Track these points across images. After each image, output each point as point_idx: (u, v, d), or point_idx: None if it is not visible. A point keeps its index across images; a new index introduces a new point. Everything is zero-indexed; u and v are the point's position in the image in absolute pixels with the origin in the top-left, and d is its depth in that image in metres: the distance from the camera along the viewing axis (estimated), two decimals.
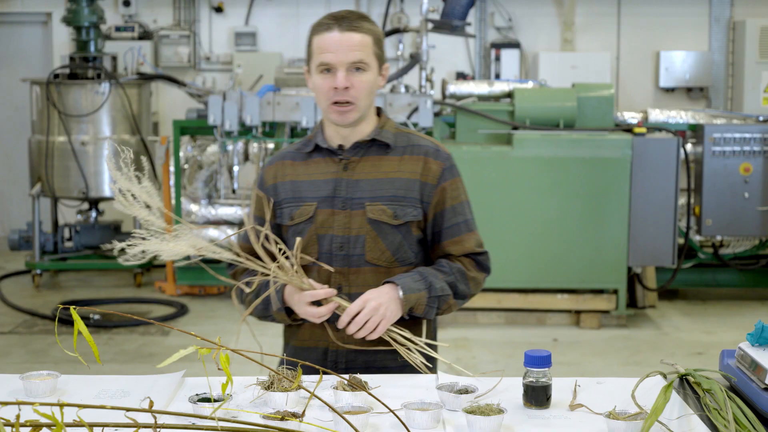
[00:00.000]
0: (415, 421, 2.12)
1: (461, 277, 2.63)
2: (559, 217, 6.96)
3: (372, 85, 2.57)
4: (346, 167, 2.62)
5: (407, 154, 2.64)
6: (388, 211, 2.59)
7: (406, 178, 2.61)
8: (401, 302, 2.51)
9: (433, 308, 2.58)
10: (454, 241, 2.65)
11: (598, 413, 2.18)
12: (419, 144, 2.66)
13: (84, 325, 2.02)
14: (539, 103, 7.13)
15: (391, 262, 2.61)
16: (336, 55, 2.52)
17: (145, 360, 6.22)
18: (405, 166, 2.62)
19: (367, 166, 2.63)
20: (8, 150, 10.00)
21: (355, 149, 2.63)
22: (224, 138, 7.55)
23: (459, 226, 2.65)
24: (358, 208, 2.60)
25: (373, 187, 2.60)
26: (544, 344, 6.59)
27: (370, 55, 2.55)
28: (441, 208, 2.64)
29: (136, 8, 9.62)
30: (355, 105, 2.56)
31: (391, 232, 2.60)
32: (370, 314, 2.46)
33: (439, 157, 2.65)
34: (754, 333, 2.33)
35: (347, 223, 2.60)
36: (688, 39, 9.67)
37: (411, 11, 9.46)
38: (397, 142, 2.65)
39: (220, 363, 2.03)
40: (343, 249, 2.60)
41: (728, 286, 7.92)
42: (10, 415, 1.84)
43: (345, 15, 2.56)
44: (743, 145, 7.31)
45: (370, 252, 2.59)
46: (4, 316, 7.35)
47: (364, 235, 2.59)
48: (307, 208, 2.62)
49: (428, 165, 2.63)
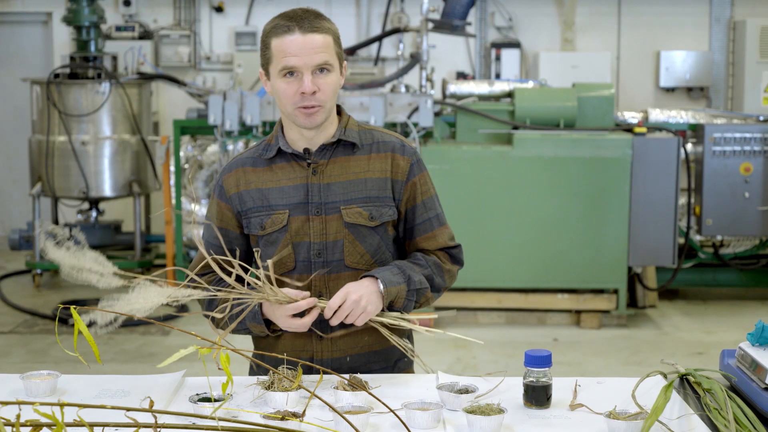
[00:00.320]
0: (416, 420, 2.12)
1: (437, 270, 2.60)
2: (559, 217, 6.96)
3: (336, 85, 2.49)
4: (315, 171, 2.55)
5: (374, 152, 2.58)
6: (364, 213, 2.54)
7: (377, 178, 2.56)
8: (382, 296, 2.47)
9: (412, 301, 2.54)
10: (427, 236, 2.62)
11: (598, 413, 2.18)
12: (384, 141, 2.61)
13: (84, 325, 2.02)
14: (539, 103, 7.13)
15: (370, 264, 2.57)
16: (300, 58, 2.44)
17: (145, 360, 6.22)
18: (374, 164, 2.57)
19: (336, 168, 2.56)
20: (9, 150, 10.00)
21: (321, 152, 2.56)
22: (224, 138, 7.55)
23: (431, 221, 2.62)
24: (333, 213, 2.54)
25: (346, 189, 2.55)
26: (544, 344, 6.59)
27: (333, 56, 2.47)
28: (412, 204, 2.61)
29: (136, 8, 9.62)
30: (323, 107, 2.49)
31: (369, 234, 2.56)
32: (351, 307, 2.42)
33: (405, 152, 2.60)
34: (754, 333, 2.33)
35: (323, 229, 2.54)
36: (689, 39, 9.67)
37: (411, 11, 9.46)
38: (363, 141, 2.59)
39: (220, 363, 2.03)
40: (321, 255, 2.54)
41: (728, 286, 7.92)
42: (11, 414, 1.84)
43: (302, 15, 2.46)
44: (743, 145, 7.30)
45: (349, 256, 2.55)
46: (4, 315, 7.36)
47: (342, 239, 2.54)
48: (279, 216, 2.55)
49: (396, 161, 2.58)
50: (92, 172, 8.10)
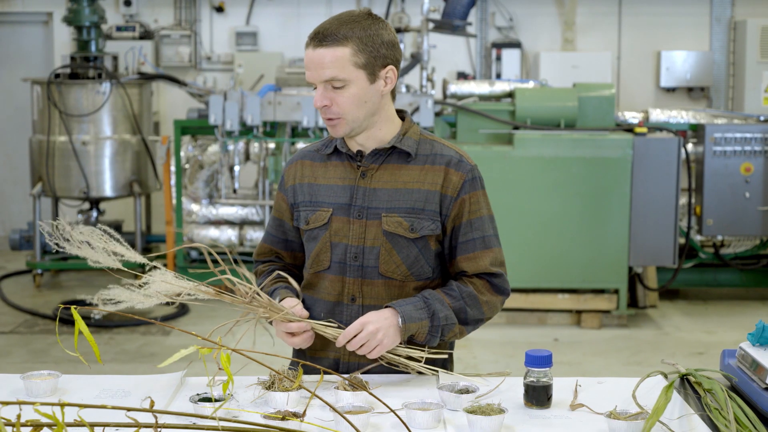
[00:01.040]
0: (416, 420, 2.12)
1: (472, 301, 2.51)
2: (559, 217, 6.96)
3: (359, 97, 2.43)
4: (364, 175, 2.52)
5: (428, 163, 2.51)
6: (405, 223, 2.49)
7: (425, 190, 2.50)
8: (400, 330, 2.43)
9: (436, 337, 2.48)
10: (467, 257, 2.53)
11: (598, 413, 2.18)
12: (442, 153, 2.53)
13: (85, 325, 2.02)
14: (540, 103, 7.13)
15: (405, 276, 2.51)
16: (310, 73, 2.44)
17: (145, 360, 6.22)
18: (425, 176, 2.50)
19: (386, 174, 2.52)
20: (9, 150, 10.01)
21: (374, 156, 2.52)
22: (225, 138, 7.55)
23: (474, 242, 2.53)
24: (374, 219, 2.50)
25: (391, 197, 2.50)
26: (544, 344, 6.59)
27: (346, 68, 2.40)
28: (459, 221, 2.52)
29: (137, 8, 9.62)
30: (342, 119, 2.45)
31: (407, 245, 2.50)
32: (366, 338, 2.39)
33: (461, 168, 2.51)
34: (755, 333, 2.33)
35: (362, 234, 2.51)
36: (689, 39, 9.67)
37: (412, 11, 9.46)
38: (419, 151, 2.53)
39: (220, 363, 2.03)
40: (357, 259, 2.51)
41: (729, 286, 7.92)
42: (11, 414, 1.84)
43: (322, 28, 2.42)
44: (744, 145, 7.30)
45: (384, 264, 2.50)
46: (4, 315, 7.36)
47: (379, 247, 2.50)
48: (323, 213, 2.54)
49: (449, 176, 2.50)
50: (93, 172, 8.10)
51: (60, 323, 6.91)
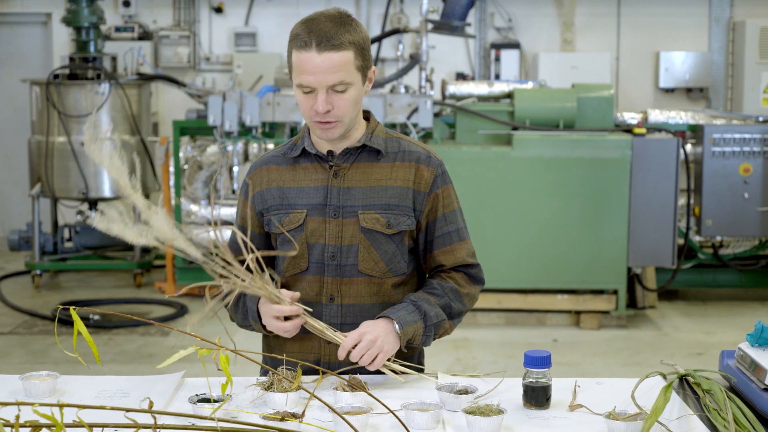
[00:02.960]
0: (415, 421, 2.12)
1: (455, 296, 2.56)
2: (558, 218, 6.96)
3: (356, 98, 2.45)
4: (336, 174, 2.53)
5: (398, 160, 2.55)
6: (382, 219, 2.51)
7: (398, 186, 2.53)
8: (398, 336, 2.44)
9: (430, 336, 2.51)
10: (445, 250, 2.57)
11: (598, 414, 2.18)
12: (410, 150, 2.57)
13: (84, 326, 2.02)
14: (539, 104, 7.13)
15: (384, 272, 2.53)
16: (315, 77, 2.38)
17: (144, 360, 6.22)
18: (396, 173, 2.54)
19: (358, 173, 2.54)
20: (8, 150, 10.00)
21: (345, 155, 2.54)
22: (224, 138, 7.55)
23: (450, 235, 2.58)
24: (351, 217, 2.51)
25: (365, 195, 2.52)
26: (544, 345, 6.59)
27: (351, 72, 2.41)
28: (433, 216, 2.57)
29: (135, 9, 9.62)
30: (340, 122, 2.46)
31: (385, 241, 2.52)
32: (367, 347, 2.39)
33: (431, 163, 2.56)
34: (753, 333, 2.33)
35: (339, 233, 2.52)
36: (688, 39, 9.67)
37: (411, 11, 9.46)
38: (388, 148, 2.56)
39: (219, 363, 2.03)
40: (335, 259, 2.52)
41: (728, 287, 7.92)
42: (10, 415, 1.84)
43: (324, 27, 2.38)
44: (743, 146, 7.31)
45: (363, 262, 2.52)
46: (3, 316, 7.35)
47: (357, 244, 2.51)
48: (297, 215, 2.54)
49: (420, 172, 2.54)
50: (92, 173, 8.10)
51: (59, 324, 6.91)
